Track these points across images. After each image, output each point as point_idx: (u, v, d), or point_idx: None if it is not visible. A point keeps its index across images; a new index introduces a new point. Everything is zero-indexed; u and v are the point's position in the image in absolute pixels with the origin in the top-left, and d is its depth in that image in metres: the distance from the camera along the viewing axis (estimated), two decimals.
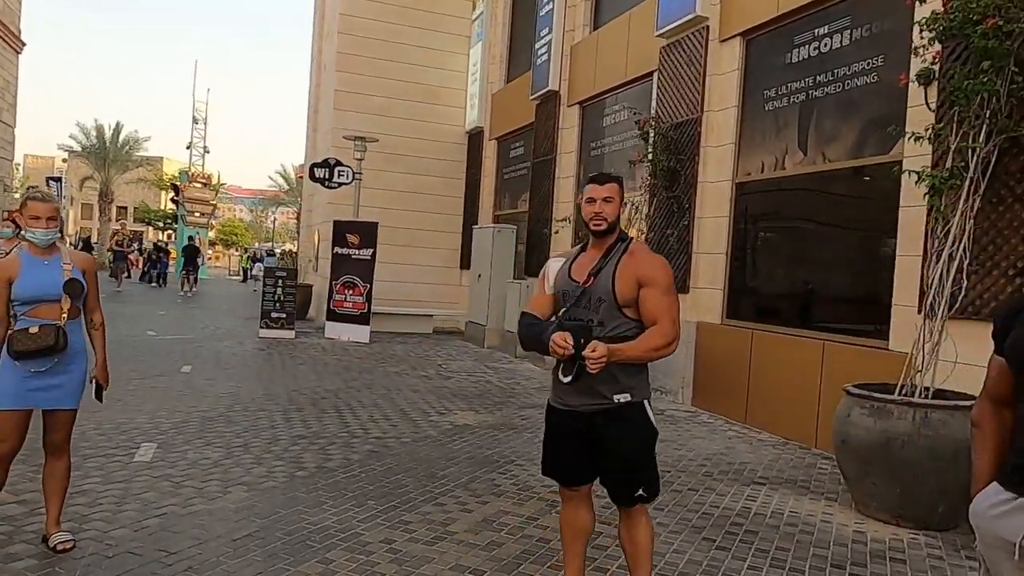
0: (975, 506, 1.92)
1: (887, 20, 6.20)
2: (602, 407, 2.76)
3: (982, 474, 1.97)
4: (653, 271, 2.77)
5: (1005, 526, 1.82)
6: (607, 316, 2.75)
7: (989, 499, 1.88)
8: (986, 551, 1.90)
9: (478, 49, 15.93)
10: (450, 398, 7.90)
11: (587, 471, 2.94)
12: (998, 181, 4.88)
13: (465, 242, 16.05)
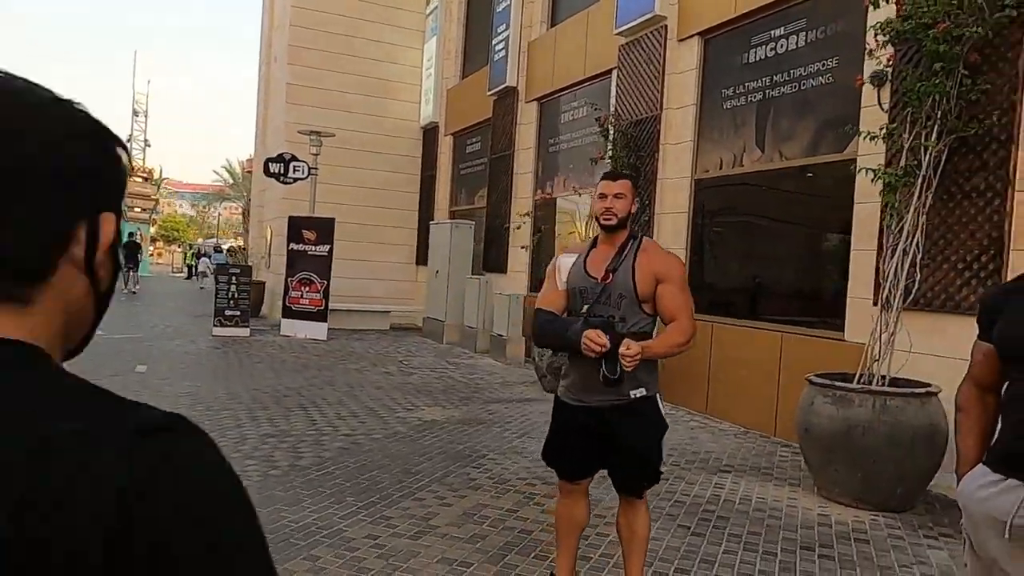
0: (963, 488, 2.05)
1: (841, 23, 6.43)
2: (618, 402, 2.82)
3: (967, 457, 2.10)
4: (670, 268, 2.85)
5: (994, 506, 1.94)
6: (628, 312, 2.81)
7: (977, 480, 2.00)
8: (973, 530, 2.02)
9: (432, 44, 15.86)
10: (415, 394, 7.89)
11: (592, 465, 3.00)
12: (948, 179, 5.13)
13: (421, 238, 16.00)
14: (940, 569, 3.82)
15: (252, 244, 19.67)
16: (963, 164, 5.08)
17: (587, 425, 2.90)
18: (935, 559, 3.95)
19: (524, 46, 12.00)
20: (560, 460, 3.06)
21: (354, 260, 14.85)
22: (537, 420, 6.88)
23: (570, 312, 2.94)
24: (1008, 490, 1.93)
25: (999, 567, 2.00)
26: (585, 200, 9.37)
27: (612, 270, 2.85)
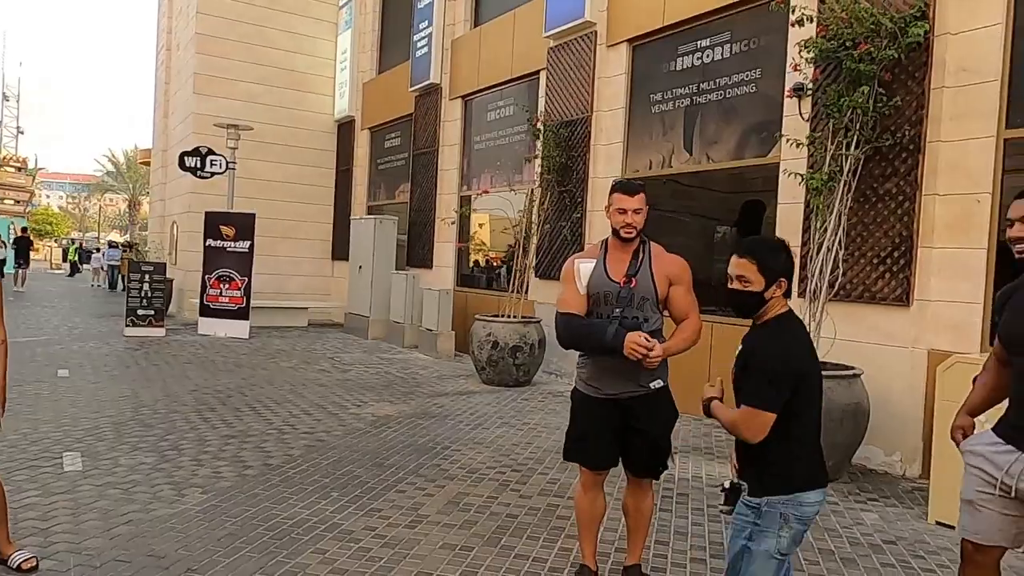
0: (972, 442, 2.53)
1: (763, 38, 6.99)
2: (639, 393, 3.10)
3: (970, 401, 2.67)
4: (680, 271, 3.16)
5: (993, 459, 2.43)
6: (650, 313, 3.10)
7: (984, 439, 2.49)
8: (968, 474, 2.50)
9: (347, 36, 15.70)
10: (359, 391, 7.96)
11: (615, 454, 3.24)
12: (865, 183, 5.75)
13: (338, 233, 15.85)
14: (874, 527, 4.36)
15: (153, 240, 18.78)
16: (877, 170, 5.71)
17: (609, 416, 3.15)
18: (868, 520, 4.50)
19: (447, 44, 12.14)
20: (586, 451, 3.25)
21: (268, 256, 14.54)
22: (486, 411, 7.13)
23: (590, 314, 3.15)
24: (1003, 456, 2.41)
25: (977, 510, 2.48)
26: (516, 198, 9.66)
27: (633, 275, 3.09)
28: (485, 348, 8.52)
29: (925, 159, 5.47)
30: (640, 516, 3.30)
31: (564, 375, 9.10)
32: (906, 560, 3.87)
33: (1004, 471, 2.39)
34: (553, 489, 4.81)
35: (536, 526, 4.13)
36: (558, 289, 3.20)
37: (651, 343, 2.93)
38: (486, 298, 10.58)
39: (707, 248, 7.89)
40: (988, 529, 2.46)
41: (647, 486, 3.30)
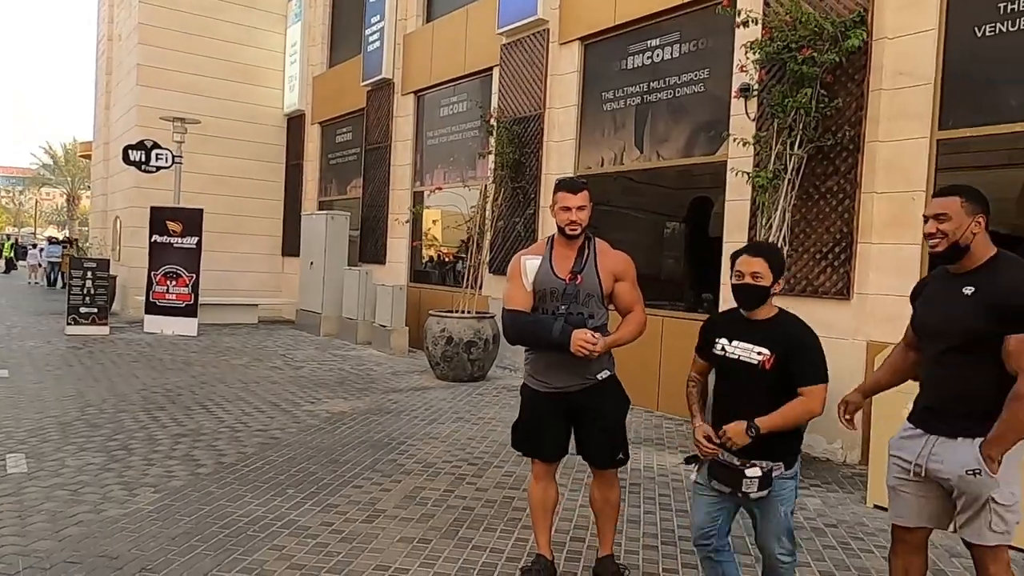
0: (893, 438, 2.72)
1: (711, 39, 7.16)
2: (586, 385, 3.17)
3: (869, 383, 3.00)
4: (624, 267, 3.23)
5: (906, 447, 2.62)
6: (595, 309, 3.17)
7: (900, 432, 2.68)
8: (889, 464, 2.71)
9: (296, 29, 15.48)
10: (312, 387, 7.91)
11: (564, 445, 3.31)
12: (808, 181, 5.96)
13: (288, 229, 15.65)
14: (816, 512, 4.55)
15: (95, 235, 18.23)
16: (820, 169, 5.92)
17: (559, 409, 3.22)
18: (811, 505, 4.68)
19: (400, 39, 12.08)
20: (535, 444, 3.33)
21: (216, 252, 14.28)
22: (441, 407, 7.17)
23: (536, 309, 3.21)
24: (914, 440, 2.60)
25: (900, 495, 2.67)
26: (469, 194, 9.69)
27: (578, 272, 3.16)
28: (439, 344, 8.54)
29: (864, 158, 5.69)
30: (608, 507, 3.37)
31: (518, 369, 9.18)
32: (846, 542, 4.06)
33: (916, 455, 2.56)
34: (508, 482, 4.88)
35: (493, 518, 4.19)
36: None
37: (596, 339, 3.01)
38: (440, 294, 10.60)
39: (657, 244, 8.05)
40: (910, 512, 2.63)
41: (612, 477, 3.37)
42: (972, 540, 2.49)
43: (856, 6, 5.71)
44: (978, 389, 2.45)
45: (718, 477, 2.75)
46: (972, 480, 2.43)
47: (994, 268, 2.49)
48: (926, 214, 2.61)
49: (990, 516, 2.43)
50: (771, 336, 2.70)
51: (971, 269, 2.52)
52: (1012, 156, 5.33)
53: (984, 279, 2.47)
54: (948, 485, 2.50)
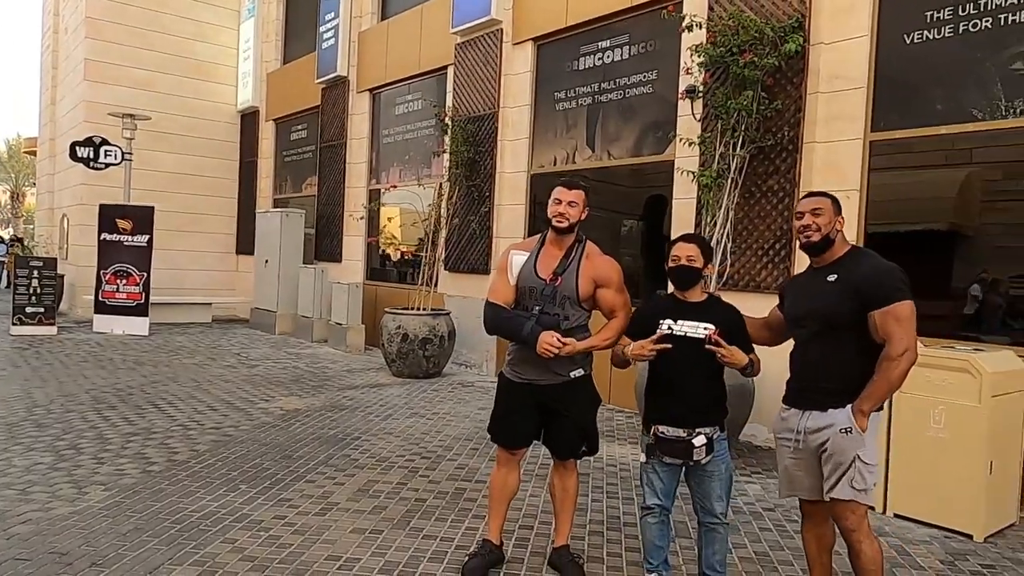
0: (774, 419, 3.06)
1: (659, 41, 7.35)
2: (558, 381, 3.28)
3: None
4: (608, 273, 3.31)
5: (785, 428, 2.96)
6: (570, 311, 3.26)
7: (779, 415, 3.00)
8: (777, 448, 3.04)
9: (250, 25, 15.31)
10: (267, 386, 7.90)
11: (531, 437, 3.43)
12: (750, 181, 6.18)
13: (242, 226, 15.49)
14: (756, 497, 4.75)
15: (41, 234, 17.77)
16: (761, 169, 6.14)
17: (531, 400, 3.33)
18: (751, 491, 4.89)
19: (355, 36, 12.07)
20: (505, 432, 3.44)
21: (169, 250, 14.08)
22: (396, 403, 7.23)
23: (517, 304, 3.32)
24: (791, 417, 2.93)
25: (790, 472, 2.97)
26: (425, 192, 9.75)
27: (560, 273, 3.25)
28: (395, 341, 8.59)
29: (802, 158, 5.93)
30: (566, 495, 3.47)
31: (473, 365, 9.29)
32: (781, 524, 4.26)
33: (795, 429, 2.89)
34: (461, 474, 4.98)
35: (444, 508, 4.29)
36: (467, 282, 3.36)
37: (562, 343, 3.11)
38: (396, 291, 10.64)
39: (615, 241, 8.19)
40: (802, 486, 2.94)
41: (571, 467, 3.48)
42: (837, 496, 2.77)
43: (794, 12, 5.95)
44: (842, 368, 2.80)
45: (669, 452, 3.03)
46: (844, 438, 2.75)
47: (852, 259, 2.87)
48: (802, 210, 2.92)
49: (854, 473, 2.74)
50: (709, 315, 3.05)
51: (832, 261, 2.90)
52: (941, 157, 5.61)
53: (844, 268, 2.83)
54: (822, 449, 2.80)
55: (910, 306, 2.72)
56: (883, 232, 5.75)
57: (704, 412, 3.03)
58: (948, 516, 4.20)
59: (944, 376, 4.20)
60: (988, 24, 5.14)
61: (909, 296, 2.74)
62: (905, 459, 4.35)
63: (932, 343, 4.77)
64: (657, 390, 3.13)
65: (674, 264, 3.10)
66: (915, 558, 3.83)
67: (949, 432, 4.16)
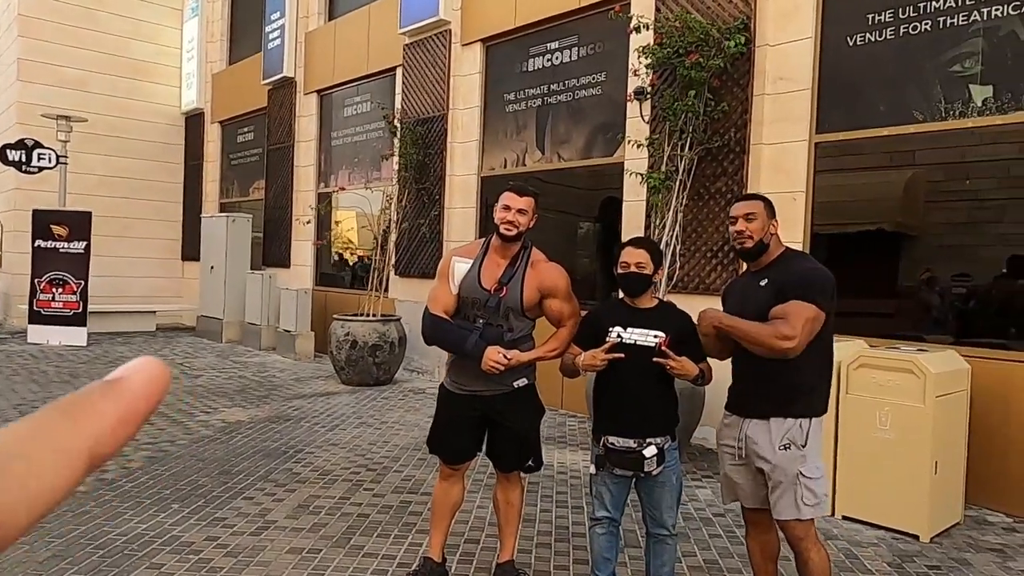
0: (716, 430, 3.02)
1: (608, 43, 7.30)
2: (501, 391, 3.15)
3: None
4: (555, 281, 3.16)
5: (727, 436, 2.91)
6: (515, 323, 3.13)
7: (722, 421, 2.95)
8: (720, 455, 2.98)
9: (194, 24, 14.89)
10: (209, 396, 7.62)
11: (474, 450, 3.29)
12: (698, 183, 6.16)
13: (188, 232, 15.04)
14: (706, 502, 4.70)
15: None
16: (709, 170, 6.13)
17: (474, 412, 3.20)
18: (702, 495, 4.84)
19: (301, 36, 11.80)
20: (446, 446, 3.30)
21: (110, 257, 13.59)
22: (344, 412, 7.03)
23: (458, 313, 3.17)
24: (733, 424, 2.88)
25: (733, 480, 2.93)
26: (373, 196, 9.56)
27: (504, 283, 3.10)
28: (343, 348, 8.39)
29: (749, 160, 5.93)
30: (510, 509, 3.35)
31: (425, 372, 9.12)
32: (731, 530, 4.21)
33: (736, 438, 2.85)
34: (407, 486, 4.83)
35: (387, 524, 4.14)
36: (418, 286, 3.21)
37: (507, 358, 3.00)
38: (346, 297, 10.41)
39: (570, 243, 8.12)
40: (745, 494, 2.91)
41: (515, 479, 3.36)
42: (788, 517, 2.71)
43: (739, 14, 5.94)
44: (781, 373, 2.72)
45: (619, 464, 2.93)
46: (784, 455, 2.69)
47: (782, 261, 2.82)
48: (735, 215, 2.85)
49: (801, 491, 2.68)
50: (660, 322, 2.96)
51: (766, 265, 2.84)
52: (885, 159, 5.66)
53: (775, 271, 2.79)
54: (765, 466, 2.75)
55: (815, 311, 2.64)
56: (830, 233, 5.78)
57: (655, 422, 2.94)
58: (895, 517, 4.21)
59: (889, 377, 4.20)
60: (927, 27, 5.19)
61: (823, 305, 2.66)
62: (852, 461, 4.34)
63: (878, 344, 4.79)
64: (606, 400, 3.04)
65: (623, 271, 3.00)
66: (863, 561, 3.82)
67: (895, 433, 4.16)
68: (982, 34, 4.96)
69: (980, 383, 4.57)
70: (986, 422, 4.62)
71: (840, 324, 3.05)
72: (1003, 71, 4.88)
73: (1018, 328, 4.88)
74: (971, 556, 3.93)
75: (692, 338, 2.97)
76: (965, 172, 5.15)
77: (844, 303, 3.08)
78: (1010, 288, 4.96)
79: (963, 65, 5.06)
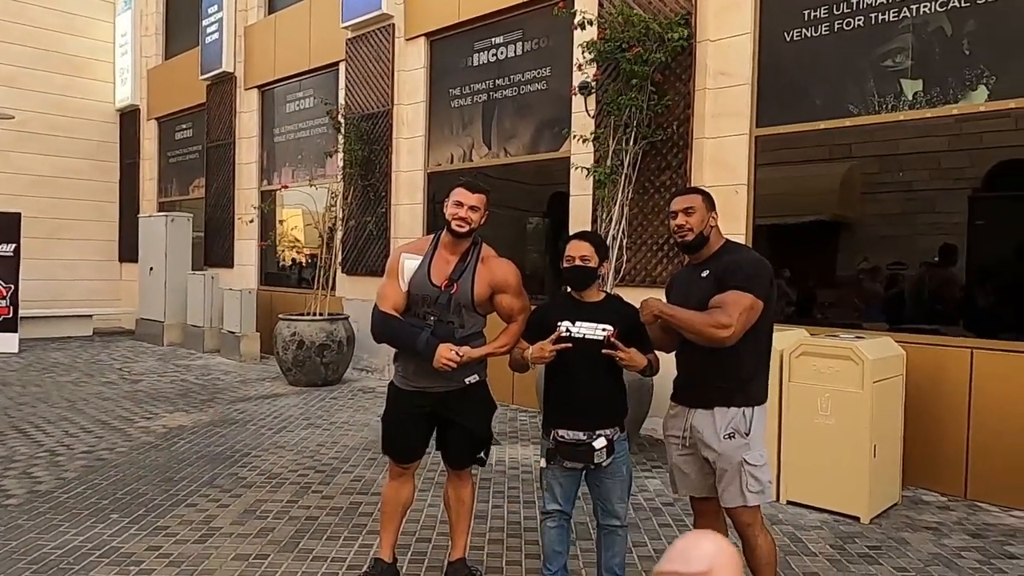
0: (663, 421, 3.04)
1: (552, 38, 7.31)
2: (452, 388, 3.11)
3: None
4: (506, 277, 3.13)
5: (673, 425, 2.95)
6: (466, 319, 3.09)
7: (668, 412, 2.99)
8: (667, 445, 3.01)
9: (127, 17, 14.38)
10: (150, 402, 7.39)
11: (423, 448, 3.25)
12: (643, 176, 6.22)
13: (125, 232, 14.55)
14: (656, 492, 4.76)
15: None
16: (654, 164, 6.19)
17: (424, 410, 3.15)
18: (651, 486, 4.90)
19: (240, 31, 11.52)
20: (396, 445, 3.24)
21: (41, 259, 13.07)
22: (291, 414, 6.90)
23: (408, 311, 3.11)
24: (678, 415, 2.92)
25: (680, 470, 2.97)
26: (318, 193, 9.40)
27: (455, 280, 3.06)
28: (290, 348, 8.23)
29: (692, 153, 6.01)
30: (461, 506, 3.32)
31: (375, 371, 9.02)
32: (680, 519, 4.26)
33: (682, 429, 2.89)
34: (357, 487, 4.76)
35: (337, 526, 4.07)
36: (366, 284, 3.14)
37: (459, 355, 2.97)
38: (292, 296, 10.22)
39: (519, 238, 8.11)
40: (692, 484, 2.94)
41: (466, 476, 3.33)
42: (735, 504, 2.76)
43: (680, 9, 6.01)
44: (723, 363, 2.76)
45: (570, 456, 2.94)
46: (729, 444, 2.74)
47: (723, 253, 2.85)
48: (675, 209, 2.89)
49: (746, 478, 2.73)
50: (607, 315, 2.97)
51: (707, 257, 2.86)
52: (823, 152, 5.80)
53: (716, 263, 2.82)
54: (711, 455, 2.79)
55: (752, 300, 2.67)
56: (771, 225, 5.90)
57: (604, 414, 2.97)
58: (837, 500, 4.33)
59: (830, 364, 4.32)
60: (860, 23, 5.34)
61: (760, 295, 2.69)
62: (796, 447, 4.45)
63: (818, 332, 4.91)
64: (556, 393, 3.05)
65: (568, 265, 3.00)
66: (807, 544, 3.91)
67: (835, 418, 4.28)
68: (912, 30, 5.12)
69: (914, 368, 4.73)
70: (920, 406, 4.79)
71: (783, 313, 3.10)
72: (932, 66, 5.05)
73: (949, 314, 5.06)
74: (908, 535, 4.06)
75: (640, 330, 2.98)
76: (898, 164, 5.31)
77: (786, 293, 3.14)
78: (941, 276, 5.14)
79: (894, 60, 5.21)
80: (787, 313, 5.55)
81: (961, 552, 3.85)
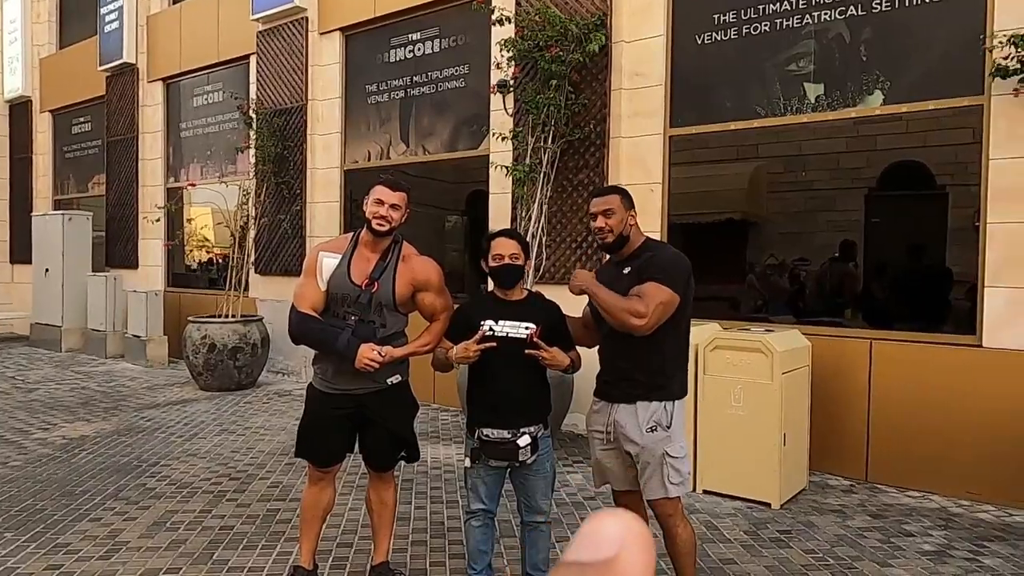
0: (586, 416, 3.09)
1: (470, 35, 7.29)
2: (374, 389, 3.04)
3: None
4: (428, 275, 3.09)
5: (595, 421, 3.00)
6: (388, 318, 3.02)
7: (591, 408, 3.03)
8: (590, 440, 3.06)
9: (16, 3, 13.50)
10: (47, 412, 6.96)
11: (344, 452, 3.17)
12: (561, 175, 6.28)
13: (16, 232, 13.68)
14: (578, 487, 4.82)
15: None
16: (571, 162, 6.26)
17: (343, 412, 3.07)
18: (573, 481, 4.96)
19: (143, 20, 10.98)
20: (316, 448, 3.15)
21: None
22: (203, 419, 6.64)
23: (327, 311, 3.03)
24: (601, 410, 2.96)
25: (603, 464, 3.02)
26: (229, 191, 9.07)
27: (375, 278, 2.99)
28: (201, 352, 7.92)
29: (609, 152, 6.11)
30: (384, 509, 3.27)
31: (291, 373, 8.79)
32: None
33: (605, 424, 2.94)
34: (274, 493, 4.62)
35: (254, 535, 3.94)
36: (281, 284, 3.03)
37: (382, 355, 2.92)
38: (202, 298, 9.83)
39: (438, 236, 8.05)
40: (615, 478, 3.01)
41: (389, 478, 3.28)
42: (657, 496, 2.83)
43: (597, 10, 6.10)
44: (645, 359, 2.83)
45: (494, 455, 2.95)
46: (651, 437, 2.81)
47: (644, 250, 2.91)
48: (594, 211, 2.93)
49: (667, 470, 2.81)
50: (531, 314, 2.98)
51: (628, 255, 2.92)
52: (733, 152, 6.00)
53: (637, 260, 2.88)
54: (633, 449, 2.85)
55: (670, 294, 2.72)
56: (685, 223, 6.07)
57: (528, 412, 2.98)
58: (750, 488, 4.49)
59: (742, 357, 4.47)
60: (766, 28, 5.55)
61: (677, 289, 2.75)
62: (710, 437, 4.59)
63: (730, 326, 5.08)
64: (480, 392, 3.04)
65: (498, 263, 2.99)
66: (722, 531, 4.04)
67: (747, 409, 4.44)
68: (814, 36, 5.36)
69: (818, 358, 4.96)
70: (824, 394, 5.03)
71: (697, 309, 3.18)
72: (832, 70, 5.30)
73: (849, 306, 5.34)
74: (816, 518, 4.26)
75: (562, 328, 3.01)
76: (802, 164, 5.55)
77: (700, 289, 3.22)
78: (842, 271, 5.42)
79: (798, 64, 5.45)
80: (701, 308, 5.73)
81: (864, 532, 4.06)
